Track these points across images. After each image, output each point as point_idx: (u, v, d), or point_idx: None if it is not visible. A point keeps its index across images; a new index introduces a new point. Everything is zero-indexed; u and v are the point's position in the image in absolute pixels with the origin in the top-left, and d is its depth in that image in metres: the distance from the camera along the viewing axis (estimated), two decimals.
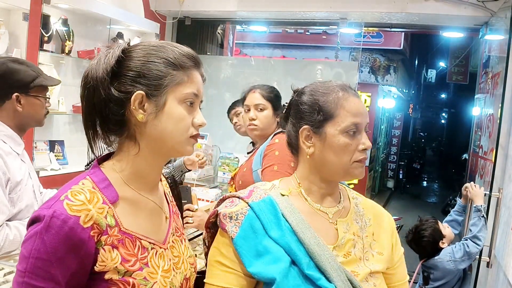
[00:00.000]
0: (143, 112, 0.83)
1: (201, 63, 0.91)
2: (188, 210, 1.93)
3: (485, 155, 3.16)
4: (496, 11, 3.09)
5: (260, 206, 0.95)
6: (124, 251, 0.82)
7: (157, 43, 0.87)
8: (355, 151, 0.97)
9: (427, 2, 3.26)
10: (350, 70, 4.16)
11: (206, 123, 0.90)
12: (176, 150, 0.87)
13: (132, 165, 0.87)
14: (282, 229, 0.93)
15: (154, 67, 0.83)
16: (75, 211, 0.76)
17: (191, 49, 0.90)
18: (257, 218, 0.94)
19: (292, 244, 0.92)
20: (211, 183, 3.67)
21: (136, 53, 0.84)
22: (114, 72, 0.83)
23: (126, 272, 0.80)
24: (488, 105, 3.33)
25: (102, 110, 0.83)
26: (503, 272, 2.35)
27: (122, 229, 0.82)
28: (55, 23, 2.98)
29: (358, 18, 3.74)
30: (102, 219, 0.79)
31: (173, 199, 1.04)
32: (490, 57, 3.53)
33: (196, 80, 0.88)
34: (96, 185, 0.83)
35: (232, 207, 0.96)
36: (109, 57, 0.83)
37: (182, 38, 4.25)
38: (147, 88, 0.83)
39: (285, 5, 3.64)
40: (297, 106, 1.03)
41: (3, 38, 2.62)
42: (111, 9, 3.28)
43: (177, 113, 0.84)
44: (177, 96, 0.85)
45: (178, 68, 0.85)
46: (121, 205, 0.84)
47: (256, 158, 1.95)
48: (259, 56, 8.56)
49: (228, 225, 0.93)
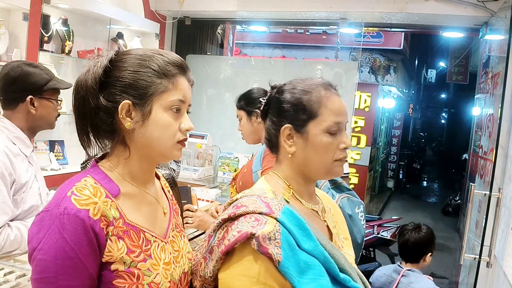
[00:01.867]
0: (131, 120, 0.87)
1: (188, 68, 0.93)
2: (188, 211, 1.93)
3: (485, 155, 3.16)
4: (496, 11, 3.09)
5: (288, 220, 0.89)
6: (129, 242, 0.85)
7: (143, 52, 0.90)
8: (336, 149, 0.97)
9: (427, 2, 3.26)
10: (350, 70, 4.15)
11: (193, 127, 0.93)
12: (164, 155, 0.91)
13: (124, 166, 0.91)
14: (313, 239, 0.90)
15: (140, 77, 0.87)
16: (84, 205, 0.80)
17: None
18: (289, 234, 0.87)
19: (324, 252, 0.90)
20: (211, 183, 3.67)
21: (122, 63, 0.88)
22: (102, 82, 0.86)
23: (131, 263, 0.84)
24: (488, 105, 3.33)
25: (93, 119, 0.87)
26: (503, 272, 2.35)
27: (127, 221, 0.86)
28: (55, 23, 2.98)
29: (358, 18, 3.74)
30: (108, 211, 0.83)
31: (174, 199, 1.07)
32: (490, 57, 3.53)
33: (181, 86, 0.90)
34: (98, 181, 0.86)
35: (263, 226, 0.86)
36: (97, 67, 0.87)
37: (182, 38, 4.25)
38: (133, 98, 0.86)
39: (285, 5, 3.64)
40: (278, 104, 1.00)
41: (3, 38, 2.62)
42: (111, 9, 3.28)
43: (162, 121, 0.88)
44: (162, 104, 0.88)
45: (163, 77, 0.88)
46: (122, 199, 0.88)
47: (256, 159, 1.95)
48: (259, 56, 8.56)
49: (269, 247, 0.83)
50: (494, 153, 2.72)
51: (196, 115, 4.16)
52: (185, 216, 1.92)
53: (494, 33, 3.28)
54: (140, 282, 0.83)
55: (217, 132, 3.92)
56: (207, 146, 3.68)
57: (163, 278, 0.88)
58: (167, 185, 1.07)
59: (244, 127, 2.03)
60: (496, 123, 2.79)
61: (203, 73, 4.25)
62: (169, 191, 1.06)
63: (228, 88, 4.15)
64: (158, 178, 1.03)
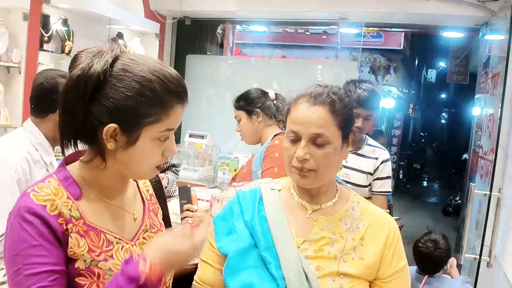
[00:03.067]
0: (115, 142, 0.83)
1: (186, 94, 0.88)
2: (187, 211, 1.93)
3: (485, 155, 3.16)
4: (496, 11, 3.09)
5: (245, 194, 1.07)
6: (90, 242, 0.84)
7: (142, 73, 0.81)
8: (292, 157, 1.00)
9: (427, 2, 3.26)
10: (350, 70, 4.15)
11: (176, 152, 0.91)
12: (139, 177, 0.94)
13: (96, 175, 0.88)
14: (253, 214, 1.03)
15: (133, 104, 0.80)
16: (41, 201, 0.80)
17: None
18: (238, 203, 1.05)
19: (257, 228, 1.01)
20: (211, 183, 3.67)
21: (117, 81, 0.80)
22: (93, 93, 0.81)
23: (92, 261, 0.83)
24: (488, 105, 3.33)
25: (78, 127, 0.84)
26: (503, 272, 2.35)
27: (87, 222, 0.85)
28: (55, 23, 2.98)
29: (358, 18, 3.74)
30: (66, 210, 0.82)
31: (155, 198, 1.05)
32: (490, 57, 3.52)
33: (175, 116, 0.85)
34: (61, 182, 0.86)
35: (224, 192, 1.14)
36: (91, 71, 0.80)
37: (182, 38, 4.25)
38: (121, 123, 0.81)
39: (285, 5, 3.63)
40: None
41: (3, 38, 2.62)
42: (111, 9, 3.28)
43: (148, 150, 0.85)
44: (151, 135, 0.83)
45: (157, 107, 0.82)
46: (84, 202, 0.87)
47: (256, 159, 1.95)
48: (259, 56, 8.56)
49: (214, 206, 1.11)
50: (494, 153, 2.72)
51: (196, 115, 4.16)
52: (185, 216, 1.92)
53: (494, 33, 3.28)
54: (101, 281, 0.83)
55: (217, 132, 3.92)
56: (207, 146, 3.68)
57: None
58: (147, 184, 1.05)
59: (244, 127, 2.03)
60: (496, 123, 2.79)
61: (203, 73, 4.25)
62: (148, 190, 1.04)
63: (228, 88, 4.15)
64: (135, 180, 1.01)
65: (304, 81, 1.11)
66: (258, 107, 1.99)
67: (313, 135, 0.98)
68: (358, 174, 2.08)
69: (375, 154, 2.10)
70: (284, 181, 1.11)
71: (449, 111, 17.38)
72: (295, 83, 1.15)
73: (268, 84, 3.66)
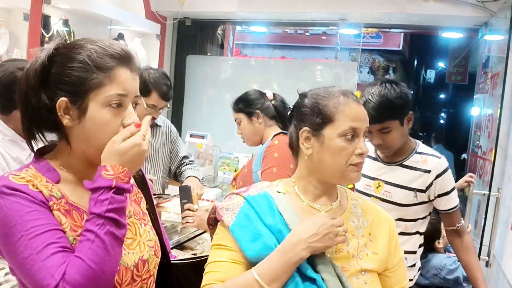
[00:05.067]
0: (69, 117, 0.85)
1: (131, 58, 0.87)
2: (188, 210, 1.94)
3: (484, 155, 3.17)
4: (495, 11, 3.10)
5: (255, 199, 1.03)
6: (71, 221, 0.85)
7: (82, 44, 0.86)
8: (351, 154, 1.00)
9: (426, 2, 3.27)
10: (350, 71, 4.17)
11: (138, 120, 0.86)
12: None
13: (68, 160, 0.90)
14: (275, 218, 1.00)
15: (74, 72, 0.83)
16: (23, 181, 0.82)
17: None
18: (251, 208, 1.01)
19: (284, 232, 0.97)
20: (211, 183, 3.68)
21: (60, 57, 0.85)
22: (42, 78, 0.84)
23: (74, 240, 0.83)
24: (487, 105, 3.34)
25: (36, 115, 0.86)
26: (502, 272, 2.36)
27: (69, 201, 0.86)
28: (55, 23, 2.99)
29: (358, 18, 3.75)
30: (47, 191, 0.83)
31: (137, 188, 1.04)
32: (490, 57, 3.53)
33: (121, 79, 0.85)
34: (38, 171, 0.87)
35: (229, 200, 1.05)
36: (37, 63, 0.84)
37: (183, 38, 4.26)
38: (69, 95, 0.83)
39: (285, 6, 3.65)
40: (299, 109, 1.07)
41: (4, 38, 2.63)
42: (112, 10, 3.29)
43: (99, 118, 0.84)
44: (99, 100, 0.84)
45: (96, 71, 0.83)
46: (64, 185, 0.88)
47: (256, 159, 1.95)
48: (259, 56, 8.56)
49: (224, 215, 1.00)
50: (493, 153, 2.72)
51: (196, 115, 4.18)
52: (186, 216, 1.93)
53: (494, 33, 3.29)
54: None
55: (218, 132, 3.93)
56: (208, 146, 3.69)
57: None
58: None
59: (245, 130, 2.02)
60: (495, 123, 2.80)
61: (204, 73, 4.26)
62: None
63: (228, 88, 4.16)
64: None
65: (304, 81, 1.13)
66: (258, 108, 1.99)
67: (366, 130, 1.03)
68: (402, 191, 1.68)
69: (427, 165, 1.66)
70: (284, 185, 1.09)
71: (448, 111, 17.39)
72: (295, 84, 1.15)
73: (268, 85, 3.67)
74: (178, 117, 4.23)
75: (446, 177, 1.66)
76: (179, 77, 4.21)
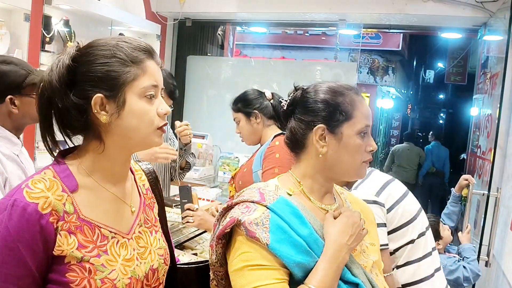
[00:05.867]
0: (106, 113, 0.85)
1: (154, 51, 0.91)
2: (188, 210, 1.94)
3: (483, 155, 3.18)
4: (495, 12, 3.11)
5: (280, 208, 0.93)
6: (82, 238, 0.84)
7: (106, 41, 0.87)
8: (364, 152, 0.99)
9: (426, 3, 3.28)
10: (349, 71, 4.18)
11: (170, 110, 0.91)
12: (145, 143, 0.90)
13: (97, 161, 0.89)
14: (308, 226, 0.93)
15: (107, 68, 0.84)
16: (34, 198, 0.80)
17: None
18: (281, 219, 0.91)
19: (318, 240, 0.93)
20: (211, 182, 3.68)
21: (86, 57, 0.85)
22: (69, 80, 0.84)
23: (83, 258, 0.83)
24: (486, 105, 3.35)
25: (64, 118, 0.86)
26: (502, 272, 2.37)
27: (81, 216, 0.85)
28: (56, 24, 2.99)
29: (357, 19, 3.76)
30: (60, 205, 0.82)
31: (151, 193, 1.04)
32: (489, 57, 3.54)
33: (151, 71, 0.88)
34: (57, 174, 0.85)
35: (252, 213, 0.91)
36: (60, 66, 0.84)
37: (183, 39, 4.27)
38: (105, 90, 0.84)
39: (285, 7, 3.65)
40: (310, 104, 1.00)
41: (5, 39, 2.63)
42: (113, 10, 3.29)
43: (138, 108, 0.86)
44: (135, 92, 0.86)
45: (130, 64, 0.85)
46: (81, 194, 0.86)
47: (257, 159, 1.96)
48: (259, 57, 8.57)
49: (257, 232, 0.88)
50: (493, 153, 2.73)
51: (196, 115, 4.18)
52: (186, 215, 1.94)
53: (493, 33, 3.30)
54: (92, 277, 0.82)
55: (218, 132, 3.94)
56: (208, 146, 3.70)
57: (121, 274, 0.86)
58: (143, 178, 1.04)
59: (243, 129, 2.04)
60: (494, 123, 2.81)
61: (204, 74, 4.27)
62: (144, 185, 1.04)
63: (228, 88, 4.17)
64: (132, 172, 1.00)
65: (304, 82, 1.10)
66: (256, 108, 2.00)
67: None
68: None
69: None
70: (287, 184, 1.02)
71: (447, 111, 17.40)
72: (295, 84, 1.14)
73: (268, 85, 3.67)
74: (178, 117, 4.24)
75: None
76: (179, 77, 4.21)
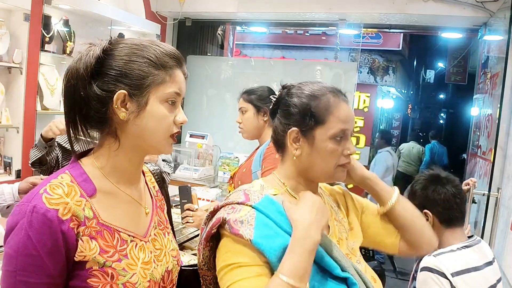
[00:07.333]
0: (125, 111, 0.84)
1: (184, 61, 0.92)
2: (188, 210, 1.94)
3: (484, 155, 3.17)
4: (495, 12, 3.11)
5: (264, 206, 0.94)
6: (102, 242, 0.83)
7: (140, 41, 0.87)
8: (340, 155, 0.98)
9: (426, 3, 3.28)
10: (349, 71, 4.17)
11: (187, 120, 0.91)
12: (155, 148, 0.89)
13: (111, 160, 0.88)
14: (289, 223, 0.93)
15: (137, 66, 0.84)
16: (54, 204, 0.78)
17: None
18: (266, 217, 0.92)
19: None
20: (211, 182, 3.68)
21: (118, 51, 0.85)
22: (96, 70, 0.84)
23: (105, 263, 0.82)
24: (486, 105, 3.34)
25: (83, 108, 0.85)
26: (502, 272, 2.36)
27: (101, 221, 0.84)
28: (56, 23, 2.99)
29: (357, 19, 3.76)
30: (80, 211, 0.81)
31: (161, 194, 1.05)
32: (489, 57, 3.54)
33: (178, 79, 0.89)
34: (75, 178, 0.84)
35: (237, 212, 0.92)
36: (90, 55, 0.84)
37: (183, 39, 4.27)
38: (129, 88, 0.84)
39: (285, 6, 3.66)
40: (286, 107, 1.01)
41: (4, 39, 2.63)
42: (112, 10, 3.30)
43: (158, 113, 0.86)
44: (159, 96, 0.86)
45: (160, 68, 0.86)
46: (98, 199, 0.85)
47: (256, 159, 1.96)
48: (259, 57, 8.57)
49: (241, 229, 0.88)
50: (493, 153, 2.73)
51: (196, 115, 4.18)
52: (186, 216, 1.93)
53: (493, 33, 3.29)
54: (115, 282, 0.82)
55: (218, 132, 3.94)
56: (208, 146, 3.69)
57: (141, 277, 0.86)
58: (153, 180, 1.05)
59: (247, 121, 2.03)
60: (494, 123, 2.81)
61: (204, 73, 4.26)
62: (155, 187, 1.04)
63: (228, 88, 4.17)
64: (143, 174, 1.00)
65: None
66: (267, 106, 2.01)
67: (352, 130, 1.02)
68: None
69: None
70: (271, 184, 1.02)
71: (447, 111, 17.40)
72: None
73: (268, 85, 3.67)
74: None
75: None
76: None
